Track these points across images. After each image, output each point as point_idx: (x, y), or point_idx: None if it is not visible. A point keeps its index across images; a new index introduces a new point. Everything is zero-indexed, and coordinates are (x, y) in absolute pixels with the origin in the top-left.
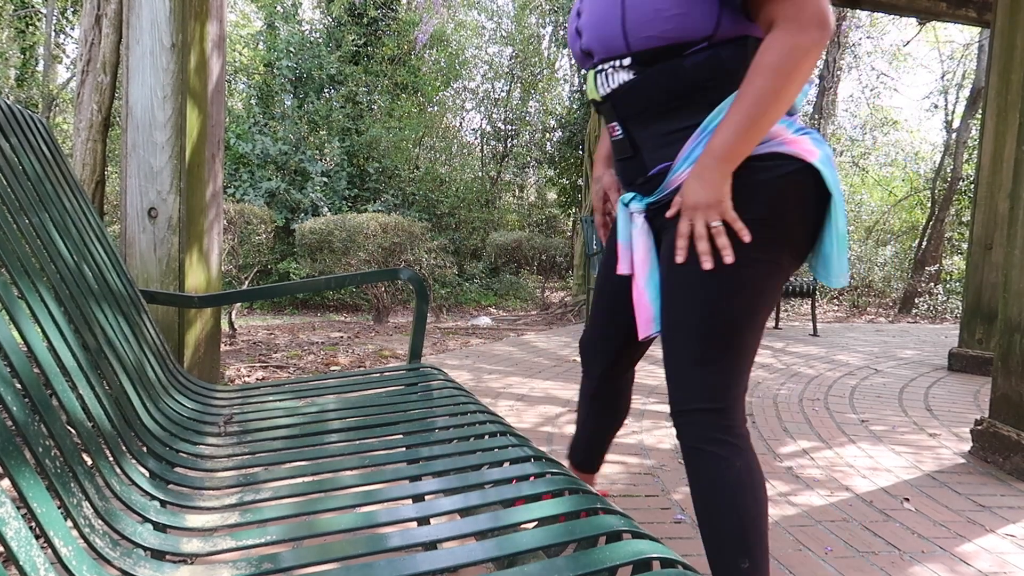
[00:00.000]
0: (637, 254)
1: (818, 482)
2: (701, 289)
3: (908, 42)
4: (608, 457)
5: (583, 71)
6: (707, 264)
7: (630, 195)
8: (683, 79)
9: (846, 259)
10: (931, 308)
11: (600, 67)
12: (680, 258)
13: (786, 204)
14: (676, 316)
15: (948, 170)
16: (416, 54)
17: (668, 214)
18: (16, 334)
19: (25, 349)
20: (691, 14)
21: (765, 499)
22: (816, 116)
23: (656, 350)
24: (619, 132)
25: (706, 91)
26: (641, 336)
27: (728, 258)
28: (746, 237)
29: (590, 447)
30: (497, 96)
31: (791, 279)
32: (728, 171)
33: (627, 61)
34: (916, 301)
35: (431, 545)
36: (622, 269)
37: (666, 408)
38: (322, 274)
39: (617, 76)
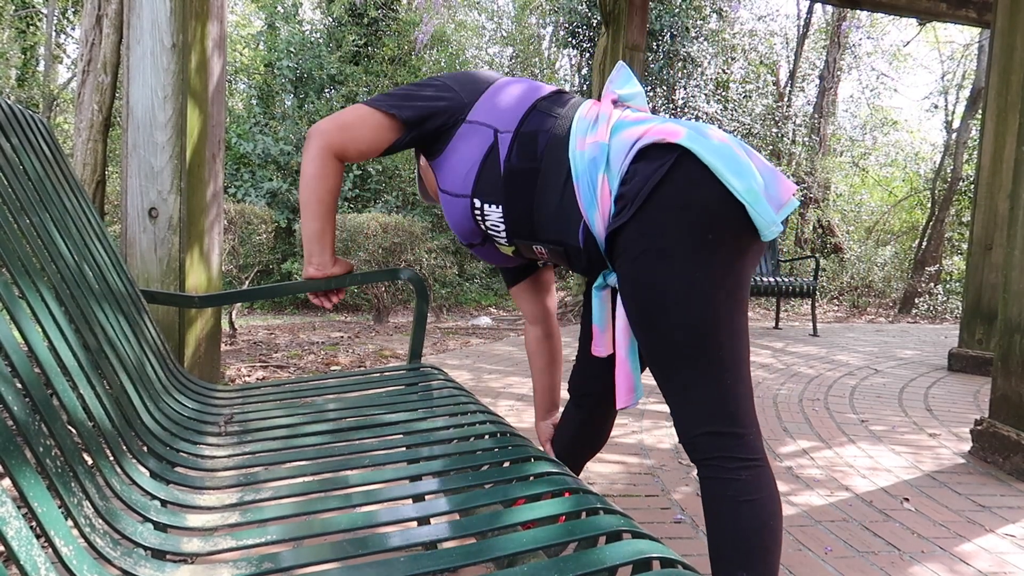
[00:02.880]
0: (619, 323)
1: (818, 482)
2: (665, 316)
3: (908, 42)
4: (608, 457)
5: (501, 242)
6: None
7: (599, 280)
8: (519, 174)
9: (765, 209)
10: (931, 308)
11: (489, 233)
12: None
13: (686, 198)
14: (654, 352)
15: (948, 170)
16: (417, 54)
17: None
18: (17, 333)
19: (26, 348)
20: (470, 152)
21: (775, 518)
22: (816, 116)
23: None
24: (541, 247)
25: (543, 160)
26: (619, 406)
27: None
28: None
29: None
30: None
31: (791, 280)
32: (309, 252)
33: (479, 205)
34: (916, 301)
35: (431, 545)
36: (599, 351)
37: (666, 408)
38: None
39: (490, 217)
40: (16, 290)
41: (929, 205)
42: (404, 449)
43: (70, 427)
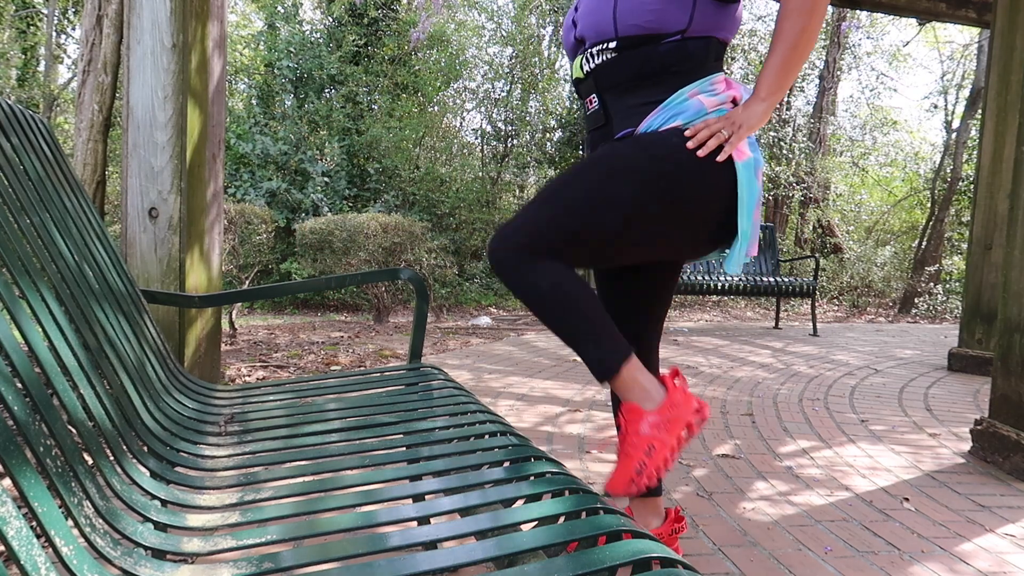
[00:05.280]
0: None
1: (818, 482)
2: (596, 171)
3: (908, 42)
4: (608, 457)
5: (572, 59)
6: (691, 144)
7: None
8: (655, 61)
9: (743, 253)
10: (931, 308)
11: (589, 51)
12: (691, 144)
13: (708, 176)
14: (559, 178)
15: (948, 170)
16: (416, 54)
17: (687, 133)
18: (17, 333)
19: (26, 348)
20: (668, 10)
21: (580, 298)
22: (816, 116)
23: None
24: (596, 104)
25: (673, 74)
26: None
27: (701, 153)
28: (720, 157)
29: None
30: (497, 96)
31: (791, 280)
32: (770, 107)
33: (613, 44)
34: (916, 301)
35: (431, 545)
36: None
37: None
38: (323, 274)
39: (602, 56)
40: (16, 290)
41: (929, 205)
42: (404, 449)
43: (70, 427)
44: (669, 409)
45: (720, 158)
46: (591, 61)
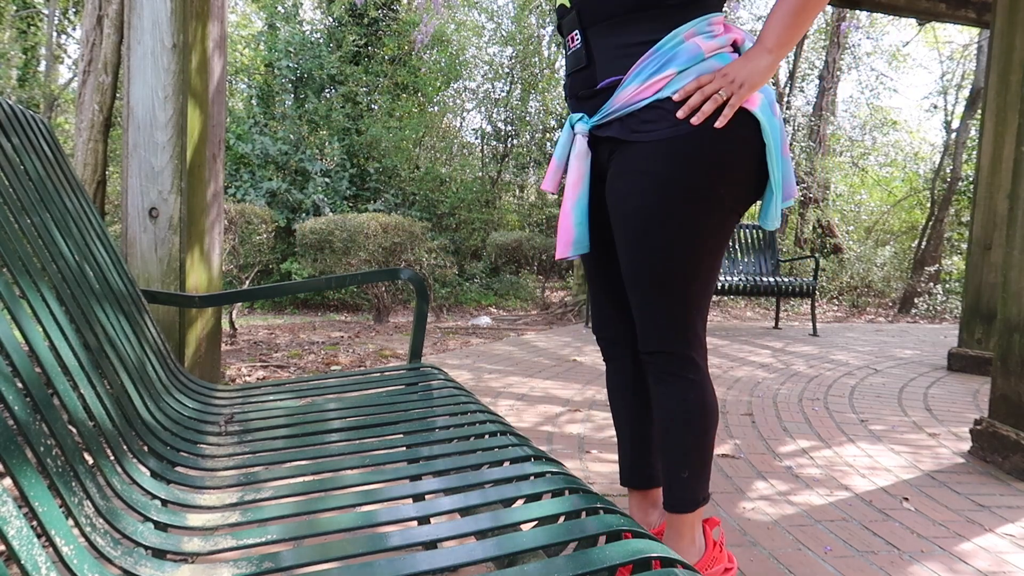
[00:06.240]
0: (570, 177)
1: (817, 481)
2: (653, 236)
3: (907, 43)
4: (608, 456)
5: None
6: (681, 114)
7: (577, 116)
8: None
9: (778, 205)
10: (930, 308)
11: None
12: (681, 112)
13: (731, 151)
14: (633, 267)
15: (947, 170)
16: (416, 54)
17: (676, 98)
18: (18, 333)
19: (27, 348)
20: None
21: (712, 427)
22: (815, 116)
23: None
24: (578, 42)
25: (670, 7)
26: (558, 257)
27: (696, 120)
28: (719, 124)
29: (638, 453)
30: (497, 96)
31: (791, 280)
32: (775, 61)
33: None
34: (915, 301)
35: (431, 544)
36: (546, 186)
37: None
38: (323, 274)
39: None
40: (17, 290)
41: (928, 205)
42: (404, 449)
43: (71, 427)
44: (704, 568)
45: (719, 124)
46: None
